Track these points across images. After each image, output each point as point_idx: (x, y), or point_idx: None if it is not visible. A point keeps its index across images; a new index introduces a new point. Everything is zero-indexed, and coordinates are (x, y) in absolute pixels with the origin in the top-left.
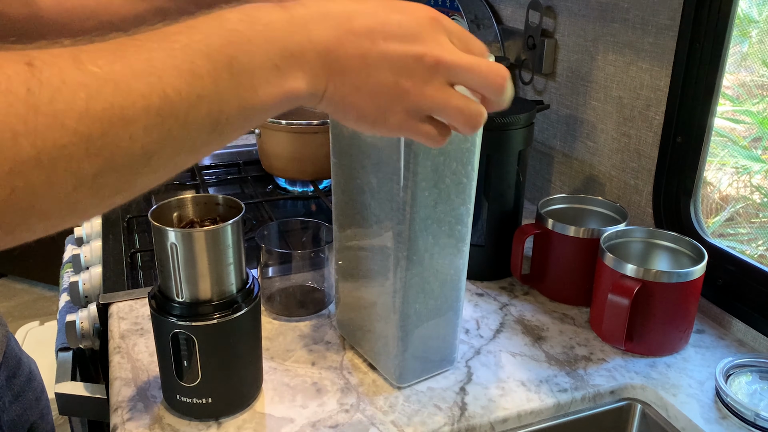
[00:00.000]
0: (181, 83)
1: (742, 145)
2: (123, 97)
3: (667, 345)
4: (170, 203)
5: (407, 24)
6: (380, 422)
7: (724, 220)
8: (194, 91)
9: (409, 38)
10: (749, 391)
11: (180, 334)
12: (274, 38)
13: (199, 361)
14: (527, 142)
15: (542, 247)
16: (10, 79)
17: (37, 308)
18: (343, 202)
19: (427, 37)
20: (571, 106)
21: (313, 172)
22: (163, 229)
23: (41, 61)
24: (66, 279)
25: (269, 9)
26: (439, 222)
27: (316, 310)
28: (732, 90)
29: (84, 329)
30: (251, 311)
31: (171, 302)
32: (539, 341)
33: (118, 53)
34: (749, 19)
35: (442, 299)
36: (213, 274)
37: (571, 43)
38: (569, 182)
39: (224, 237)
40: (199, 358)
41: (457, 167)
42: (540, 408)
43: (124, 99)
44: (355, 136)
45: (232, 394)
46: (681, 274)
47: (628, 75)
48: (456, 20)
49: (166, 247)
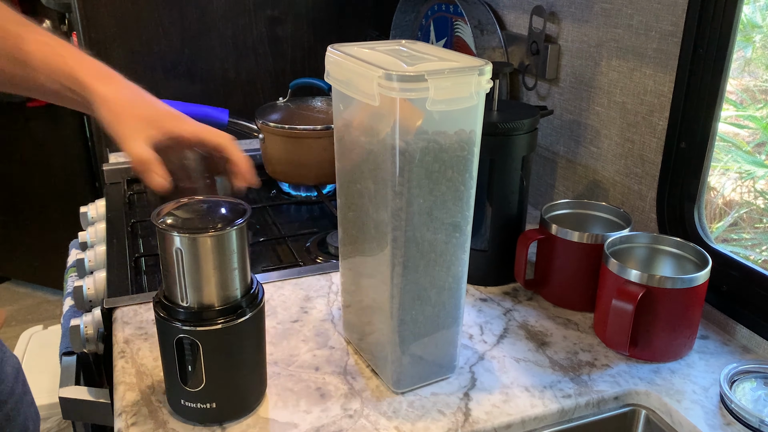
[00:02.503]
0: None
1: (745, 150)
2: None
3: (671, 351)
4: (175, 207)
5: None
6: (384, 428)
7: (728, 226)
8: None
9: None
10: (754, 397)
11: (184, 339)
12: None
13: (204, 366)
14: (531, 148)
15: (546, 252)
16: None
17: (40, 312)
18: (345, 206)
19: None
20: (574, 111)
21: (317, 177)
22: (168, 233)
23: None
24: (70, 283)
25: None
26: (435, 229)
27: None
28: (735, 95)
29: (88, 334)
30: (255, 316)
31: (176, 307)
32: (543, 347)
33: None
34: (753, 24)
35: (440, 307)
36: (218, 279)
37: (574, 49)
38: (573, 187)
39: (229, 242)
40: (203, 363)
41: (453, 175)
42: (544, 414)
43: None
44: (355, 142)
45: (236, 399)
46: (685, 280)
47: (632, 81)
48: (459, 25)
49: (171, 252)
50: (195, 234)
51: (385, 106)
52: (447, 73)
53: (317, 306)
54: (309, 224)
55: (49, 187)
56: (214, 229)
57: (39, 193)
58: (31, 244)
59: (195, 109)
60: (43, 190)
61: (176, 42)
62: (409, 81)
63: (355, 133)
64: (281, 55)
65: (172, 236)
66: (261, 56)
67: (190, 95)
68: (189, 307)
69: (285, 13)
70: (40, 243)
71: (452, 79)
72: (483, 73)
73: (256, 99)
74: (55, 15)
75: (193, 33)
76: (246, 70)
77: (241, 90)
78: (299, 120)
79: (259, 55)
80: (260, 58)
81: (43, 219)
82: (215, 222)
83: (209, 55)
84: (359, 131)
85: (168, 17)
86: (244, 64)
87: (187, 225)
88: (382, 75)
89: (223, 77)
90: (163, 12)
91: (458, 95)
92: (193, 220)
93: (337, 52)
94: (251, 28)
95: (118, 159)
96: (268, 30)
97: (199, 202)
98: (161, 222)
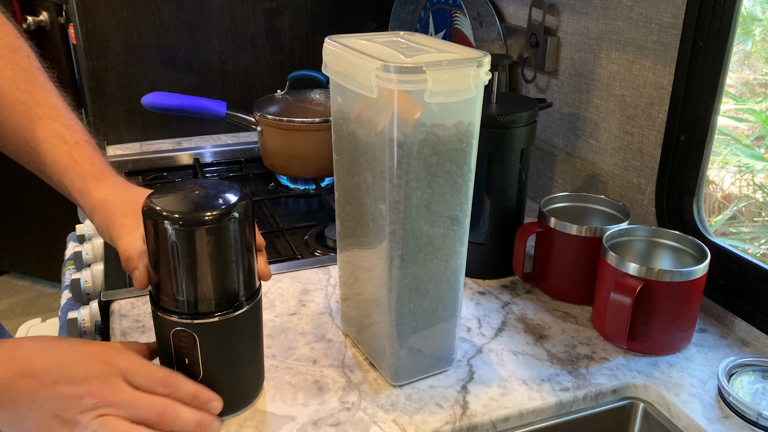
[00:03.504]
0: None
1: (745, 143)
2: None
3: (670, 344)
4: (171, 198)
5: (77, 366)
6: (382, 420)
7: (727, 219)
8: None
9: (76, 380)
10: (751, 390)
11: (181, 332)
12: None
13: (201, 360)
14: (530, 140)
15: (544, 245)
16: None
17: (38, 305)
18: (343, 199)
19: (93, 379)
20: (573, 104)
21: (315, 170)
22: (163, 226)
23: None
24: (68, 276)
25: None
26: (433, 222)
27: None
28: (735, 88)
29: (85, 326)
30: (253, 309)
31: (173, 300)
32: (541, 340)
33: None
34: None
35: (437, 300)
36: (215, 271)
37: (574, 41)
38: (572, 180)
39: (227, 234)
40: (201, 356)
41: (452, 167)
42: (542, 407)
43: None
44: (353, 134)
45: (234, 392)
46: (683, 273)
47: (631, 73)
48: (458, 18)
49: (166, 245)
50: (192, 226)
51: (383, 98)
52: (445, 65)
53: (315, 299)
54: (307, 217)
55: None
56: (211, 221)
57: (37, 186)
58: (29, 237)
59: (192, 101)
60: (41, 182)
61: (174, 34)
62: (407, 73)
63: (353, 126)
64: (279, 48)
65: (166, 228)
66: (259, 48)
67: (187, 87)
68: (185, 300)
69: (283, 5)
70: (38, 236)
71: (451, 70)
72: (482, 64)
73: (254, 91)
74: (53, 7)
75: (190, 25)
76: (244, 63)
77: (239, 82)
78: (297, 112)
79: (257, 48)
80: (258, 50)
81: (41, 212)
82: (212, 212)
83: (207, 47)
84: (357, 123)
85: (166, 9)
86: (242, 57)
87: (184, 216)
88: (380, 66)
89: (221, 69)
90: (161, 4)
91: (457, 87)
92: (190, 211)
93: (334, 43)
94: (249, 20)
95: (116, 152)
96: (266, 22)
97: (197, 193)
98: (156, 213)
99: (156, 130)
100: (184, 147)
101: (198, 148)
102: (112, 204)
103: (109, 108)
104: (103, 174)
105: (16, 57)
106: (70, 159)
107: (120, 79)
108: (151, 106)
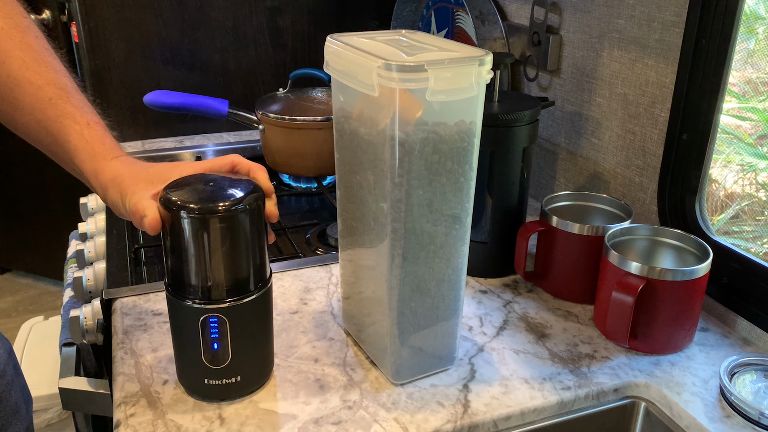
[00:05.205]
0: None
1: (747, 142)
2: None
3: (671, 343)
4: (184, 189)
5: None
6: (383, 419)
7: (729, 218)
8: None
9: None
10: (753, 389)
11: (210, 318)
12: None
13: (230, 342)
14: (532, 139)
15: (546, 244)
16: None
17: (41, 303)
18: (345, 197)
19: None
20: (575, 102)
21: (317, 168)
22: (180, 215)
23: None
24: (70, 274)
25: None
26: (434, 221)
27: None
28: (738, 87)
29: (87, 325)
30: (271, 287)
31: (198, 289)
32: (543, 339)
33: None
34: (756, 15)
35: (439, 298)
36: (245, 255)
37: (576, 40)
38: (574, 179)
39: (259, 215)
40: (230, 338)
41: (453, 166)
42: (543, 406)
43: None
44: (354, 133)
45: (260, 365)
46: (686, 272)
47: (634, 72)
48: (460, 16)
49: (202, 237)
50: (238, 212)
51: (384, 96)
52: (447, 64)
53: (317, 297)
54: (309, 216)
55: (50, 178)
56: (223, 209)
57: (40, 184)
58: (32, 235)
59: (194, 100)
60: (43, 180)
61: (176, 32)
62: (408, 71)
63: (355, 124)
64: (281, 46)
65: (182, 217)
66: (261, 47)
67: (189, 86)
68: (213, 286)
69: (285, 4)
70: (40, 234)
71: (452, 69)
72: (483, 63)
73: (256, 90)
74: (55, 5)
75: (192, 23)
76: (246, 61)
77: (240, 81)
78: (299, 111)
79: (259, 46)
80: (260, 48)
81: (44, 210)
82: (232, 201)
83: (209, 45)
84: (359, 122)
85: (168, 7)
86: (244, 55)
87: (195, 205)
88: (382, 65)
89: (223, 68)
90: (163, 2)
91: (458, 86)
92: (203, 200)
93: (336, 42)
94: (251, 18)
95: None
96: (268, 20)
97: (208, 179)
98: (171, 203)
99: (158, 129)
100: (186, 145)
101: (200, 147)
102: (123, 178)
103: (111, 106)
104: (114, 153)
105: (25, 38)
106: (81, 139)
107: (122, 78)
108: (153, 105)
